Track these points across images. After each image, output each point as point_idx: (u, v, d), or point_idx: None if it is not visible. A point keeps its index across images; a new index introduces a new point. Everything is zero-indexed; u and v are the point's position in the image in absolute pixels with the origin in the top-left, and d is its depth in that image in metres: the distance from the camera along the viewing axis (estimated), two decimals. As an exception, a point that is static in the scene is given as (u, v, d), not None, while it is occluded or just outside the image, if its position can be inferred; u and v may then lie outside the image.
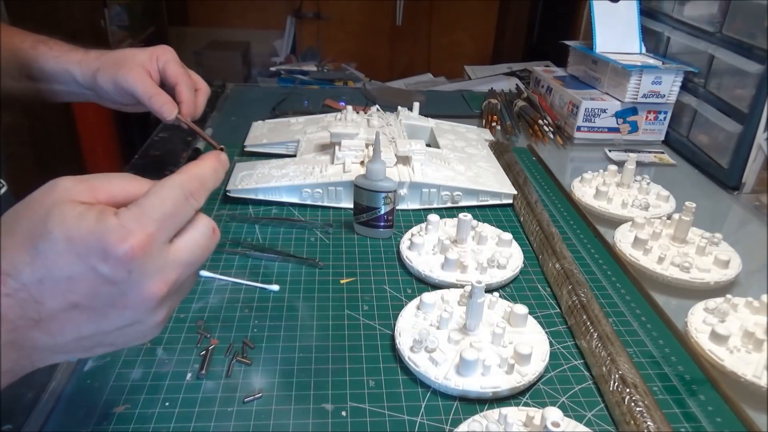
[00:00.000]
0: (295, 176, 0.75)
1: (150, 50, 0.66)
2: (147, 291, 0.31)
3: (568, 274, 0.60)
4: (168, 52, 0.67)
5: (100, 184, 0.32)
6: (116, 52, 0.67)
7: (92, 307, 0.31)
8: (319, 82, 1.75)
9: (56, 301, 0.30)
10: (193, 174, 0.34)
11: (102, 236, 0.29)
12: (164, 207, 0.31)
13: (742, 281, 0.65)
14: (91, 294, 0.30)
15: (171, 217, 0.32)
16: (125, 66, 0.64)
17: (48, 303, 0.30)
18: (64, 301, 0.30)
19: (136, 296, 0.31)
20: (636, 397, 0.44)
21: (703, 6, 0.97)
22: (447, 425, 0.45)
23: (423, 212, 0.74)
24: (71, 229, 0.29)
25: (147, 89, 0.64)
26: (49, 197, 0.31)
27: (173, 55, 0.67)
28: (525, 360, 0.48)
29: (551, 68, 1.28)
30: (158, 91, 0.64)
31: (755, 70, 0.83)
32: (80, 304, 0.31)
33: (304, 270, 0.63)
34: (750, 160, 0.86)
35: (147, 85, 0.64)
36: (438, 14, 2.68)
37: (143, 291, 0.31)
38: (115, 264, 0.30)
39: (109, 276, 0.30)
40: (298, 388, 0.48)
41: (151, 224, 0.31)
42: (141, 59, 0.65)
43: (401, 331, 0.52)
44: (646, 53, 1.07)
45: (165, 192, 0.32)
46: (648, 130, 1.03)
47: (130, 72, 0.64)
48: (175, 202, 0.32)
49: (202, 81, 0.71)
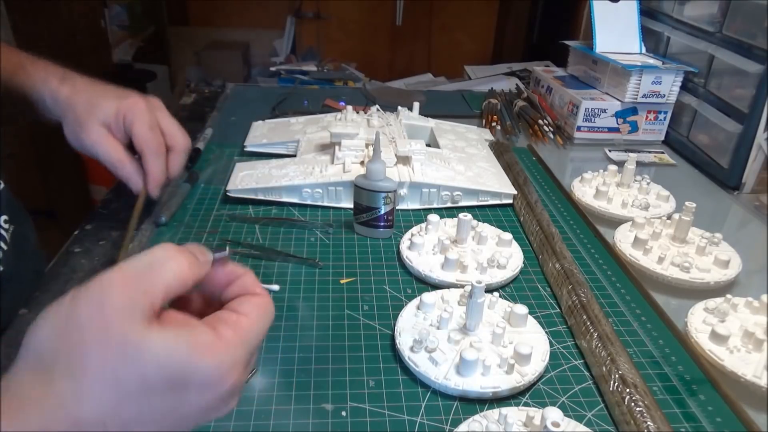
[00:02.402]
0: (295, 176, 0.75)
1: (117, 105, 0.58)
2: (235, 400, 0.31)
3: (568, 274, 0.60)
4: (137, 110, 0.58)
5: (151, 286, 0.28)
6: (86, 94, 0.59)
7: (183, 426, 0.29)
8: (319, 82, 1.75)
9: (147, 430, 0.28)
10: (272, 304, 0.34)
11: (207, 372, 0.28)
12: (261, 333, 0.32)
13: (742, 281, 0.65)
14: (179, 420, 0.29)
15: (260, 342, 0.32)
16: (87, 124, 0.58)
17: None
18: (153, 429, 0.28)
19: (226, 409, 0.31)
20: (636, 397, 0.44)
21: (703, 6, 0.97)
22: (447, 425, 0.45)
23: (423, 212, 0.74)
24: (170, 370, 0.27)
25: (110, 156, 0.57)
26: (108, 321, 0.26)
27: (141, 114, 0.58)
28: (525, 360, 0.48)
29: (551, 68, 1.28)
30: (121, 160, 0.58)
31: (755, 70, 0.83)
32: (164, 429, 0.29)
33: (304, 270, 0.63)
34: (750, 160, 0.86)
35: (110, 151, 0.57)
36: (438, 14, 2.68)
37: (233, 402, 0.31)
38: (217, 394, 0.29)
39: (207, 405, 0.29)
40: (298, 388, 0.48)
41: (247, 350, 0.30)
42: (105, 115, 0.58)
43: (401, 331, 0.52)
44: (646, 53, 1.07)
45: (264, 320, 0.32)
46: (648, 130, 1.03)
47: (91, 134, 0.57)
48: (266, 327, 0.32)
49: (179, 135, 0.62)
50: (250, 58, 2.76)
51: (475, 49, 2.69)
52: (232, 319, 0.30)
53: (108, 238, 0.66)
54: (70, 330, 0.27)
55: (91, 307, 0.27)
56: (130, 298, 0.27)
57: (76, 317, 0.27)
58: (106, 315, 0.27)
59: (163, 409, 0.28)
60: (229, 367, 0.29)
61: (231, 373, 0.29)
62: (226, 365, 0.28)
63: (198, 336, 0.28)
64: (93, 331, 0.26)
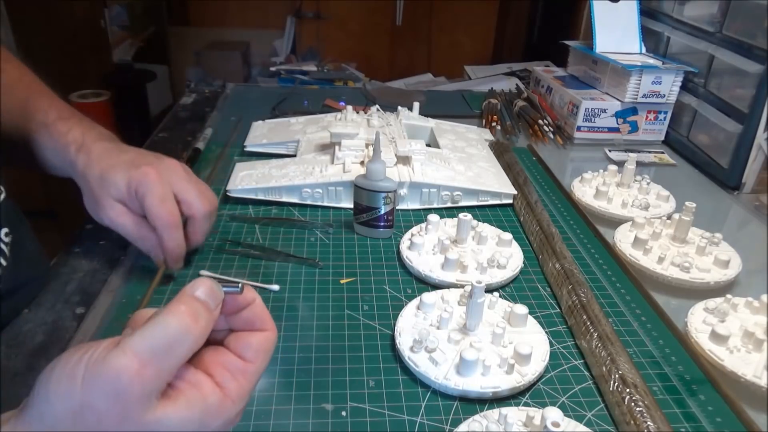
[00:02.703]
0: (295, 176, 0.75)
1: (128, 178, 0.54)
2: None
3: (568, 274, 0.60)
4: (147, 182, 0.54)
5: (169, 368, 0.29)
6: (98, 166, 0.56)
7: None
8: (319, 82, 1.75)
9: None
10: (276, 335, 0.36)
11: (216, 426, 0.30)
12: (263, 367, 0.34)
13: (742, 281, 0.65)
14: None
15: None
16: (102, 200, 0.55)
17: None
18: None
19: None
20: (636, 397, 0.44)
21: (703, 6, 0.97)
22: (447, 425, 0.45)
23: (423, 212, 0.74)
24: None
25: (128, 232, 0.55)
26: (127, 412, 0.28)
27: (152, 187, 0.54)
28: (525, 360, 0.48)
29: (551, 68, 1.28)
30: (142, 236, 0.55)
31: (755, 70, 0.83)
32: None
33: (304, 270, 0.63)
34: (750, 160, 0.86)
35: (127, 226, 0.55)
36: (438, 14, 2.68)
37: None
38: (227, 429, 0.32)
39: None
40: (298, 388, 0.48)
41: (251, 393, 0.33)
42: (118, 191, 0.55)
43: (401, 331, 0.52)
44: (646, 53, 1.07)
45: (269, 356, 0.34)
46: (648, 130, 1.03)
47: (108, 211, 0.55)
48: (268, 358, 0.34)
49: (197, 202, 0.56)
50: (250, 58, 2.77)
51: (475, 49, 2.69)
52: (239, 369, 0.32)
53: (108, 238, 0.66)
54: (86, 415, 0.27)
55: (107, 396, 0.27)
56: (145, 386, 0.28)
57: (91, 404, 0.27)
58: (124, 405, 0.27)
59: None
60: (236, 415, 0.31)
61: (237, 418, 0.32)
62: (232, 417, 0.31)
63: (208, 400, 0.30)
64: (111, 419, 0.27)
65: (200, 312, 0.31)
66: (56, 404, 0.28)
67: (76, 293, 0.57)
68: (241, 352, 0.32)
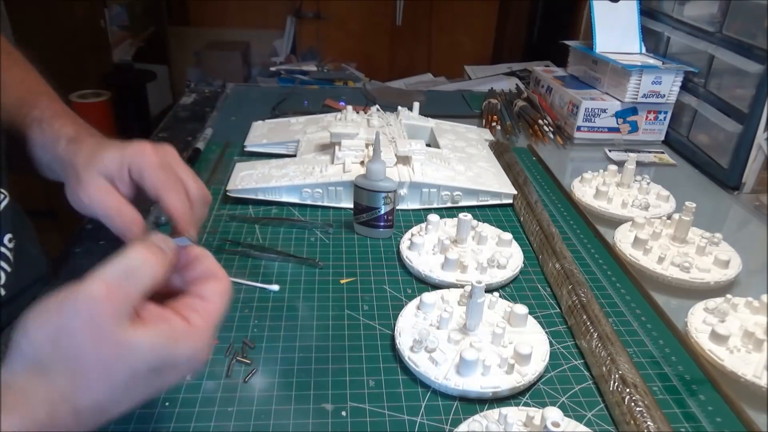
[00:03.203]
0: (295, 176, 0.75)
1: (121, 154, 0.48)
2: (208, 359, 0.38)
3: (568, 274, 0.60)
4: (144, 156, 0.48)
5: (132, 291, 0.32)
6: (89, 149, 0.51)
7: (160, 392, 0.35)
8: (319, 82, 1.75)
9: (124, 406, 0.33)
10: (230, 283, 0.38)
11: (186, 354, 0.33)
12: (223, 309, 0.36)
13: (742, 281, 0.65)
14: (160, 388, 0.34)
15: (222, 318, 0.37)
16: (85, 178, 0.48)
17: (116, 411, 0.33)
18: (132, 403, 0.33)
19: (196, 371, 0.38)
20: (636, 397, 0.44)
21: (703, 6, 0.97)
22: (447, 425, 0.45)
23: (423, 212, 0.74)
24: (152, 360, 0.32)
25: (105, 206, 0.47)
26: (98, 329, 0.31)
27: (150, 158, 0.48)
28: (525, 360, 0.48)
29: (551, 68, 1.28)
30: (118, 208, 0.47)
31: (755, 70, 0.83)
32: (146, 398, 0.34)
33: (304, 270, 0.63)
34: (750, 160, 0.86)
35: (106, 200, 0.47)
36: (438, 14, 2.68)
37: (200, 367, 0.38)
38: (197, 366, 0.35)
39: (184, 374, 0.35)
40: (298, 388, 0.48)
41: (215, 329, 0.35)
42: (107, 167, 0.48)
43: (401, 331, 0.52)
44: (646, 53, 1.07)
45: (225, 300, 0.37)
46: (648, 130, 1.03)
47: (88, 188, 0.48)
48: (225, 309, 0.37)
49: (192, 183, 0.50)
50: (250, 58, 2.77)
51: (475, 49, 2.69)
52: (200, 306, 0.35)
53: (108, 238, 0.66)
54: (64, 339, 0.30)
55: (80, 321, 0.30)
56: (115, 308, 0.31)
57: (66, 329, 0.30)
58: (96, 326, 0.30)
59: (147, 387, 0.33)
60: (202, 347, 0.34)
61: (203, 352, 0.34)
62: (199, 347, 0.34)
63: (175, 328, 0.33)
64: (86, 341, 0.30)
65: (155, 248, 0.35)
66: (34, 335, 0.31)
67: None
68: (199, 293, 0.36)
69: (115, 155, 0.49)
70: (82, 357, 0.30)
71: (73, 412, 0.30)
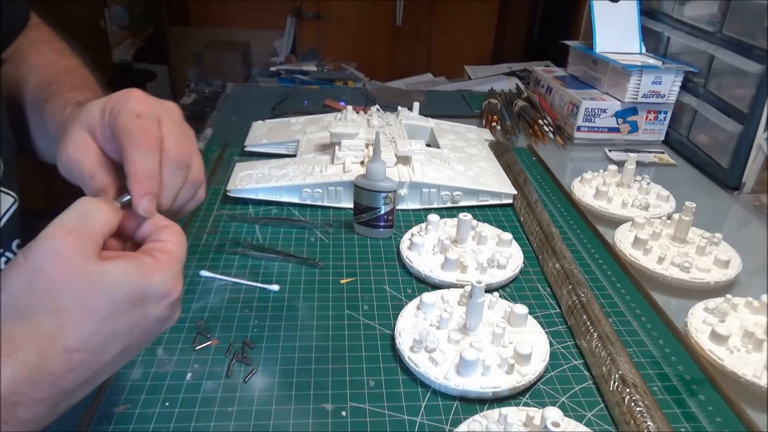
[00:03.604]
0: (295, 176, 0.75)
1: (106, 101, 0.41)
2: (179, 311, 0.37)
3: (568, 274, 0.60)
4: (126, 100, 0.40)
5: (90, 229, 0.33)
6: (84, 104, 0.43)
7: (141, 343, 0.35)
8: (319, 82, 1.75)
9: (114, 352, 0.33)
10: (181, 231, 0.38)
11: (158, 286, 0.34)
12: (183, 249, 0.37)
13: (742, 281, 0.65)
14: (144, 333, 0.35)
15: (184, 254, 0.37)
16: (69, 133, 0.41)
17: (106, 356, 0.33)
18: (120, 348, 0.34)
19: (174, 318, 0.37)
20: (636, 397, 0.44)
21: (703, 6, 0.97)
22: (447, 425, 0.45)
23: (423, 212, 0.74)
24: (129, 288, 0.32)
25: (81, 170, 0.40)
26: (69, 264, 0.31)
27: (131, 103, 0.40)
28: (525, 360, 0.48)
29: (551, 68, 1.28)
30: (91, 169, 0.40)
31: (755, 70, 0.83)
32: (132, 344, 0.34)
33: (304, 270, 0.63)
34: (750, 160, 0.86)
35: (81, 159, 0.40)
36: (438, 14, 2.68)
37: (178, 312, 0.37)
38: (168, 304, 0.35)
39: (162, 315, 0.35)
40: (298, 388, 0.48)
41: (181, 266, 0.36)
42: (90, 116, 0.41)
43: (401, 331, 0.52)
44: (646, 53, 1.07)
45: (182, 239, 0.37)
46: (648, 130, 1.03)
47: (69, 145, 0.41)
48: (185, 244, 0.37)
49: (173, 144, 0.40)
50: (250, 58, 2.76)
51: (475, 49, 2.69)
52: (160, 246, 0.36)
53: (108, 238, 0.66)
54: (37, 280, 0.31)
55: (48, 256, 0.31)
56: (78, 242, 0.32)
57: (38, 268, 0.31)
58: (65, 259, 0.31)
59: (131, 324, 0.33)
60: (173, 279, 0.35)
61: (175, 283, 0.35)
62: (170, 278, 0.35)
63: (143, 260, 0.34)
64: (58, 274, 0.31)
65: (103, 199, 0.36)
66: (8, 286, 0.31)
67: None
68: (158, 237, 0.37)
69: (100, 102, 0.41)
70: (58, 293, 0.31)
71: (63, 351, 0.31)
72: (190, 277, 0.60)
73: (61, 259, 0.31)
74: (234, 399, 0.46)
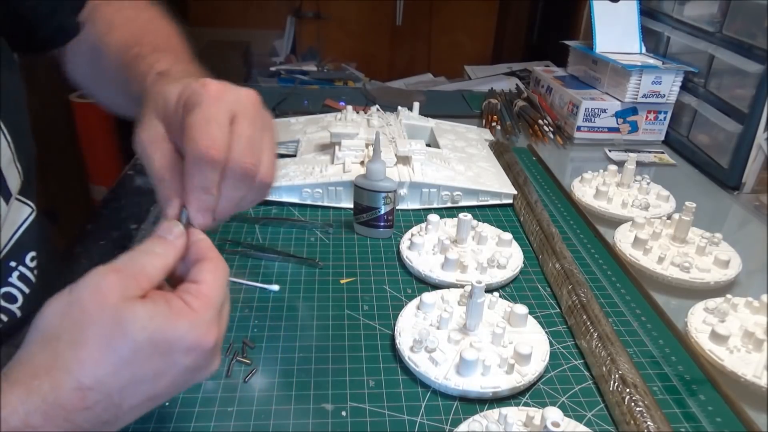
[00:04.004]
0: (295, 176, 0.75)
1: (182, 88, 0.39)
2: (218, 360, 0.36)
3: (568, 274, 0.60)
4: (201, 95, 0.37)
5: (138, 272, 0.33)
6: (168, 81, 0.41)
7: (169, 393, 0.33)
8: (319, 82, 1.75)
9: (136, 399, 0.32)
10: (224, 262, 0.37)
11: (185, 334, 0.32)
12: (221, 292, 0.35)
13: (742, 281, 0.65)
14: (172, 383, 0.33)
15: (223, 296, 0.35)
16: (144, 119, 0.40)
17: (127, 402, 0.31)
18: (144, 396, 0.32)
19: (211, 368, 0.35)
20: (636, 397, 0.44)
21: (703, 6, 0.97)
22: (447, 425, 0.45)
23: (423, 212, 0.74)
24: (152, 332, 0.31)
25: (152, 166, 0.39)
26: (104, 299, 0.31)
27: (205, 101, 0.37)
28: (525, 360, 0.48)
29: (551, 68, 1.28)
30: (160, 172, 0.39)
31: (755, 70, 0.83)
32: (158, 394, 0.33)
33: (304, 270, 0.63)
34: (750, 160, 0.86)
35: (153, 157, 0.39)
36: (438, 14, 2.68)
37: (216, 361, 0.35)
38: (200, 354, 0.33)
39: (193, 365, 0.33)
40: (298, 388, 0.48)
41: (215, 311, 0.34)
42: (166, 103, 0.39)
43: (401, 331, 0.52)
44: (646, 53, 1.07)
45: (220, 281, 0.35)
46: (648, 130, 1.03)
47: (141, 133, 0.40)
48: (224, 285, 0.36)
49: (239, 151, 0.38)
50: (250, 58, 2.76)
51: (475, 49, 2.69)
52: (194, 289, 0.34)
53: (108, 238, 0.66)
54: (73, 309, 0.31)
55: (90, 289, 0.31)
56: (121, 281, 0.32)
57: (77, 299, 0.31)
58: (102, 294, 0.31)
59: (155, 371, 0.31)
60: (204, 327, 0.33)
61: (207, 332, 0.33)
62: (199, 326, 0.32)
63: (171, 304, 0.32)
64: (91, 308, 0.31)
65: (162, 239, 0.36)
66: (47, 311, 0.31)
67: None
68: (191, 277, 0.35)
69: (176, 90, 0.39)
70: (85, 326, 0.30)
71: (77, 387, 0.29)
72: (190, 277, 0.60)
73: (98, 294, 0.31)
74: (234, 399, 0.46)
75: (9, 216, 0.50)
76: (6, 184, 0.48)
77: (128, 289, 0.32)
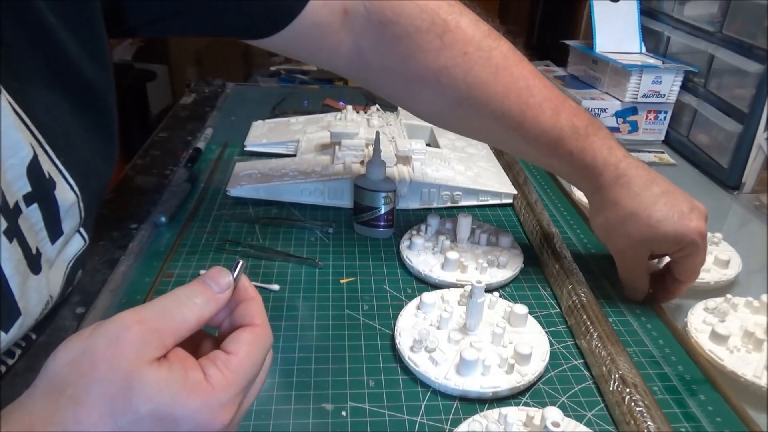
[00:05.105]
0: (295, 176, 0.75)
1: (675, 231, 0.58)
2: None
3: (568, 274, 0.60)
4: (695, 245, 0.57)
5: (164, 327, 0.30)
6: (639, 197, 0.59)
7: None
8: (319, 82, 1.75)
9: None
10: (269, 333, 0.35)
11: (194, 413, 0.29)
12: (254, 369, 0.32)
13: (742, 281, 0.65)
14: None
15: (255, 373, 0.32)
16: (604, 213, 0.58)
17: None
18: None
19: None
20: (636, 397, 0.44)
21: (703, 6, 0.97)
22: (447, 425, 0.45)
23: (423, 212, 0.74)
24: (158, 405, 0.28)
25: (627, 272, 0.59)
26: (117, 357, 0.28)
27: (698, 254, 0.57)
28: (525, 360, 0.48)
29: (551, 68, 1.28)
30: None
31: (755, 70, 0.83)
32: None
33: (304, 270, 0.63)
34: (750, 160, 0.86)
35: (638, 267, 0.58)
36: (438, 14, 2.68)
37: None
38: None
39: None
40: (298, 388, 0.48)
41: (238, 390, 0.31)
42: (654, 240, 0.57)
43: (401, 331, 0.52)
44: (646, 53, 1.07)
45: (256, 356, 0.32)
46: (648, 129, 1.03)
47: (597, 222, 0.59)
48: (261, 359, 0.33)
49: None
50: (250, 58, 2.76)
51: (475, 49, 2.69)
52: (221, 361, 0.31)
53: (108, 238, 0.66)
54: (85, 360, 0.29)
55: (105, 339, 0.29)
56: (143, 336, 0.29)
57: (92, 348, 0.29)
58: (118, 349, 0.29)
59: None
60: (218, 407, 0.30)
61: (221, 413, 0.30)
62: (214, 406, 0.30)
63: (188, 375, 0.30)
64: (102, 365, 0.28)
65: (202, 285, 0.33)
66: (59, 356, 0.29)
67: (76, 293, 0.57)
68: (224, 346, 0.32)
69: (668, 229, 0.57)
70: (91, 383, 0.28)
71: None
72: (190, 277, 0.60)
73: (114, 348, 0.29)
74: (234, 399, 0.46)
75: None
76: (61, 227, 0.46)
77: (147, 348, 0.29)
